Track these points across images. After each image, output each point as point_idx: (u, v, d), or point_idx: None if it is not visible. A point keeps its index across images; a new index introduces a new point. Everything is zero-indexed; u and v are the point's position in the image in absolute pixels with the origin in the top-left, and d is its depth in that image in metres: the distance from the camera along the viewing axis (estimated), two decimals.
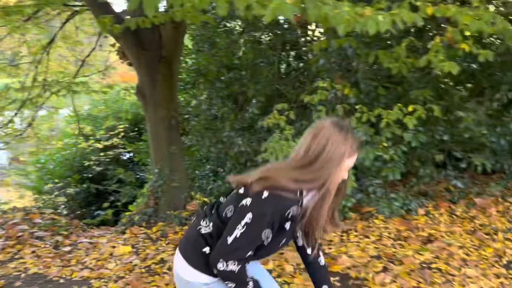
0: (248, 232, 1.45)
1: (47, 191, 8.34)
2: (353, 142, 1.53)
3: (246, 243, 1.47)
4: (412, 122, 3.64)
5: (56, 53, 7.49)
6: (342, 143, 1.50)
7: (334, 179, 1.51)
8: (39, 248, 4.28)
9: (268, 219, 1.47)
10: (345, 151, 1.50)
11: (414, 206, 4.56)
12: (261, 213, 1.45)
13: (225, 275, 1.49)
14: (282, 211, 1.48)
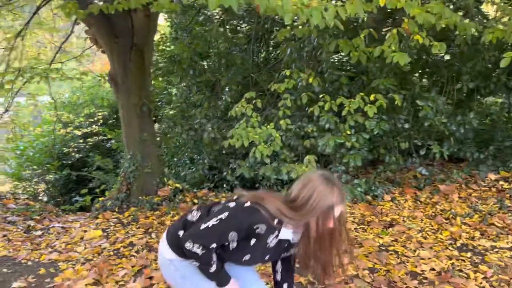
0: (218, 226, 1.65)
1: (27, 177, 8.36)
2: (339, 194, 1.70)
3: (213, 234, 1.66)
4: (372, 111, 3.75)
5: (33, 40, 7.45)
6: (329, 194, 1.68)
7: (318, 225, 1.69)
8: (11, 232, 4.35)
9: (238, 223, 1.66)
10: (331, 202, 1.68)
11: (380, 192, 4.71)
12: (235, 215, 1.67)
13: (189, 254, 1.69)
14: (252, 223, 1.66)
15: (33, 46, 7.94)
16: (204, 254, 1.67)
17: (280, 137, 4.07)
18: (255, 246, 1.72)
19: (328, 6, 2.16)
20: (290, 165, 4.03)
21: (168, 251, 1.83)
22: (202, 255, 1.68)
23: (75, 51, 7.92)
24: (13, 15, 6.05)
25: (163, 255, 1.86)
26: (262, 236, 1.69)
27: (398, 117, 4.29)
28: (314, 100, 4.40)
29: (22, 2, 5.79)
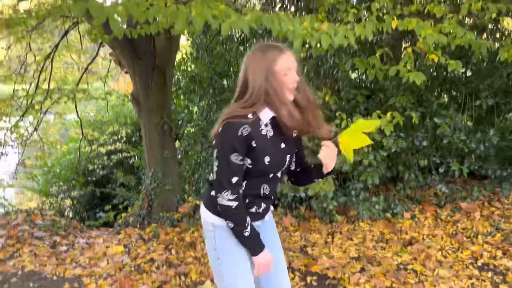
0: (220, 162, 1.69)
1: (53, 193, 8.62)
2: (274, 50, 1.66)
3: (224, 172, 1.69)
4: (389, 129, 3.77)
5: (61, 61, 7.78)
6: (261, 58, 1.65)
7: (275, 89, 1.65)
8: (38, 247, 4.50)
9: (228, 145, 1.66)
10: (268, 63, 1.64)
11: (400, 210, 4.68)
12: (220, 142, 1.68)
13: (223, 211, 1.74)
14: (234, 134, 1.65)
15: (61, 67, 8.28)
16: (237, 206, 1.70)
17: None
18: (262, 146, 1.70)
19: (338, 30, 2.23)
20: None
21: (207, 213, 1.85)
22: (235, 208, 1.70)
23: (101, 71, 8.21)
24: (43, 38, 6.36)
25: (205, 219, 1.87)
26: (255, 133, 1.68)
27: (416, 134, 4.28)
28: (330, 117, 4.45)
29: (52, 26, 6.08)
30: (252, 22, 2.09)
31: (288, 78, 1.66)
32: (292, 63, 1.67)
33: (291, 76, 1.66)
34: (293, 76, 1.66)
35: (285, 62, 1.65)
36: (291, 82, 1.66)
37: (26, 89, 6.34)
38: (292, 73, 1.66)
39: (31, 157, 7.91)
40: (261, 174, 1.78)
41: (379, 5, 3.15)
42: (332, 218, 4.62)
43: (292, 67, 1.67)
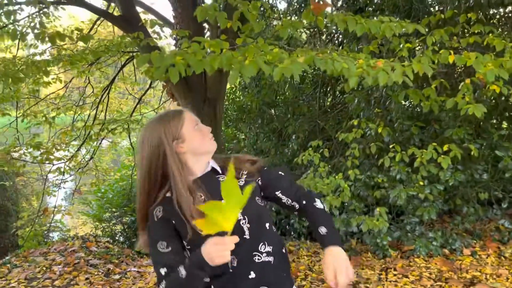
0: (152, 251, 1.45)
1: (106, 219, 8.92)
2: (168, 120, 1.48)
3: (153, 262, 1.46)
4: (446, 162, 3.62)
5: (116, 92, 8.18)
6: (154, 133, 1.47)
7: (174, 165, 1.44)
8: (93, 275, 4.64)
9: (149, 236, 1.45)
10: (159, 137, 1.45)
11: (459, 246, 4.44)
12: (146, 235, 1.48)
13: None
14: (151, 219, 1.45)
15: (116, 97, 8.70)
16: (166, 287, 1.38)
17: (348, 187, 4.04)
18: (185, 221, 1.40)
19: (395, 67, 2.19)
20: (360, 217, 3.96)
21: None
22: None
23: (153, 101, 8.54)
24: (101, 72, 6.73)
25: None
26: (170, 209, 1.42)
27: (475, 167, 4.08)
28: (383, 149, 4.34)
29: (110, 60, 6.43)
30: (305, 64, 2.10)
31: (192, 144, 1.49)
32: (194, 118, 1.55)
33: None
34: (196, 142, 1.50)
35: (188, 126, 1.50)
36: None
37: (84, 120, 6.69)
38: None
39: (87, 183, 8.26)
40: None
41: (435, 38, 3.07)
42: (385, 253, 4.45)
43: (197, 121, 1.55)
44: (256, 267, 1.44)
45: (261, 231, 1.48)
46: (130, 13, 4.88)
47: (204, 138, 1.51)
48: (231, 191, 1.12)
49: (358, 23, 2.76)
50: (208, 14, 2.90)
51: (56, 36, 3.21)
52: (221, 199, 1.25)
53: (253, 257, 1.45)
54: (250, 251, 1.45)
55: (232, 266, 1.42)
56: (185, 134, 1.48)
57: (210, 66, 2.23)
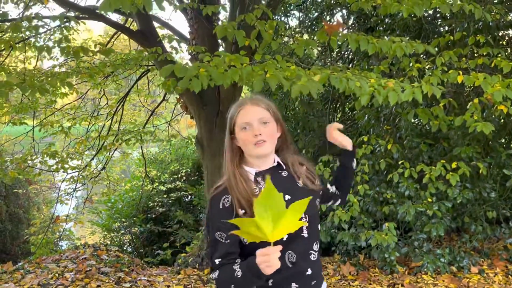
0: (210, 237, 1.50)
1: (115, 229, 9.02)
2: (232, 111, 1.58)
3: (211, 247, 1.51)
4: (455, 179, 3.68)
5: (129, 104, 8.35)
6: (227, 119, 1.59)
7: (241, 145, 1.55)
8: (104, 283, 4.71)
9: (212, 221, 1.50)
10: (229, 127, 1.57)
11: (466, 264, 4.47)
12: (207, 217, 1.55)
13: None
14: (216, 205, 1.50)
15: (129, 109, 8.87)
16: (218, 277, 1.46)
17: (358, 202, 4.11)
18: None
19: (405, 87, 2.29)
20: (369, 232, 4.02)
21: None
22: (218, 279, 1.46)
23: (165, 113, 8.69)
24: (116, 84, 6.91)
25: None
26: (235, 203, 1.48)
27: (484, 185, 4.14)
28: (392, 165, 4.41)
29: (126, 73, 6.61)
30: (321, 83, 2.21)
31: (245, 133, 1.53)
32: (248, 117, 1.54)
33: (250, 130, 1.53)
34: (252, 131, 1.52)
35: (242, 120, 1.54)
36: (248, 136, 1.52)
37: (98, 130, 6.85)
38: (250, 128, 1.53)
39: (97, 193, 8.38)
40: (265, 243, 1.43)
41: (445, 59, 3.17)
42: (393, 269, 4.49)
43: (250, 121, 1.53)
44: (312, 264, 1.54)
45: (316, 231, 1.60)
46: (148, 28, 5.05)
47: (245, 144, 1.53)
48: (267, 204, 1.15)
49: (370, 43, 2.88)
50: (227, 32, 3.03)
51: (80, 50, 3.36)
52: (282, 188, 1.42)
53: (309, 255, 1.55)
54: (307, 249, 1.54)
55: (290, 262, 1.49)
56: (236, 132, 1.56)
57: (230, 79, 2.35)
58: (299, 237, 1.51)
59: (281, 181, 1.54)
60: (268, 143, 1.52)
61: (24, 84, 2.65)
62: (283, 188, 1.45)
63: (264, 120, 1.54)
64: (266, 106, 1.57)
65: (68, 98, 6.97)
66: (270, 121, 1.55)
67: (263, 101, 1.58)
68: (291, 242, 1.48)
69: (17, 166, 5.72)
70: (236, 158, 1.56)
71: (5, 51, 5.04)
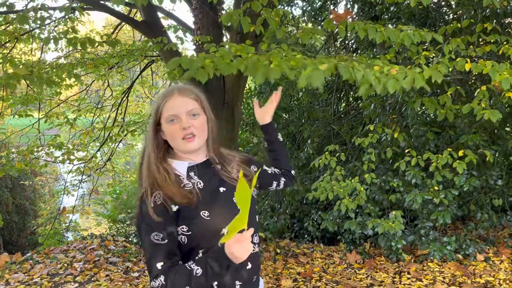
0: (143, 240, 1.36)
1: (121, 220, 9.07)
2: (158, 101, 1.46)
3: (144, 250, 1.37)
4: (462, 167, 3.69)
5: (133, 95, 8.35)
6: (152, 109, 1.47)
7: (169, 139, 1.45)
8: (112, 272, 4.77)
9: (143, 223, 1.36)
10: (154, 119, 1.44)
11: (472, 251, 4.49)
12: (136, 223, 1.40)
13: None
14: (146, 205, 1.36)
15: (134, 100, 8.87)
16: (166, 283, 1.29)
17: (364, 191, 4.12)
18: (188, 206, 1.36)
19: (408, 73, 2.27)
20: (376, 220, 4.03)
21: None
22: (165, 285, 1.29)
23: None
24: (121, 75, 6.90)
25: None
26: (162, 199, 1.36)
27: (490, 173, 4.14)
28: (399, 154, 4.42)
29: (130, 64, 6.60)
30: (328, 72, 2.20)
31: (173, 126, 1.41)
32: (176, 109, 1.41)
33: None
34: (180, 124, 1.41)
35: (167, 111, 1.42)
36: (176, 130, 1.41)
37: (103, 122, 6.87)
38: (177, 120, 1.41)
39: (102, 184, 8.42)
40: (206, 235, 1.37)
41: (452, 47, 3.15)
42: (399, 257, 4.52)
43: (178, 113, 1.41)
44: (251, 257, 1.40)
45: (254, 223, 1.49)
46: (152, 19, 5.03)
47: (173, 138, 1.42)
48: (244, 198, 1.15)
49: (378, 31, 2.86)
50: (233, 19, 3.02)
51: (87, 41, 3.36)
52: (214, 187, 1.45)
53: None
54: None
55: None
56: (162, 124, 1.44)
57: (236, 69, 2.35)
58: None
59: (215, 175, 1.48)
60: (197, 138, 1.42)
61: (31, 76, 2.65)
62: (218, 181, 1.47)
63: (194, 112, 1.42)
64: (195, 96, 1.45)
65: (72, 91, 6.98)
66: (200, 113, 1.44)
67: (192, 91, 1.46)
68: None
69: (23, 158, 5.75)
70: (161, 153, 1.45)
71: (10, 43, 5.04)
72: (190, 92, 1.46)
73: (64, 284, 4.33)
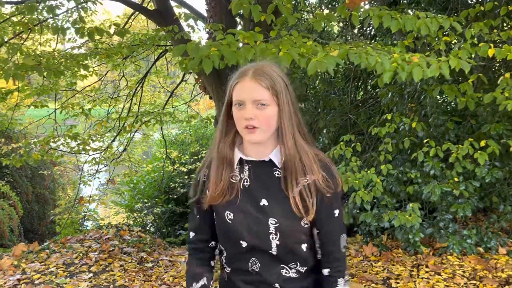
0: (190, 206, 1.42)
1: (138, 209, 9.16)
2: (230, 84, 1.31)
3: (189, 221, 1.45)
4: (483, 158, 3.53)
5: (148, 85, 8.35)
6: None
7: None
8: (126, 262, 4.79)
9: (192, 190, 1.40)
10: (227, 97, 1.31)
11: (494, 245, 4.33)
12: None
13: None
14: (197, 177, 1.40)
15: (149, 90, 8.88)
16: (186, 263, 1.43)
17: (381, 182, 4.00)
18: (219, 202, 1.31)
19: (431, 62, 2.15)
20: (392, 212, 3.92)
21: None
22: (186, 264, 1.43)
23: (184, 94, 8.66)
24: (135, 65, 6.88)
25: None
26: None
27: None
28: (417, 144, 4.27)
29: (143, 54, 6.57)
30: (339, 58, 2.09)
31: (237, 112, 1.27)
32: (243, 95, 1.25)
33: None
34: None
35: (236, 96, 1.27)
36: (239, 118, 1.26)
37: (118, 112, 6.88)
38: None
39: (119, 174, 8.49)
40: (227, 242, 1.36)
41: (474, 32, 2.99)
42: (416, 249, 4.39)
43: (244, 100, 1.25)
44: (282, 280, 1.33)
45: (292, 254, 1.33)
46: (165, 7, 4.97)
47: (237, 123, 1.28)
48: None
49: (393, 19, 2.71)
50: (243, 7, 2.92)
51: (95, 31, 3.31)
52: (257, 195, 1.29)
53: (279, 268, 1.34)
54: (275, 264, 1.33)
55: (253, 270, 1.33)
56: (233, 105, 1.29)
57: (243, 58, 2.26)
58: (265, 252, 1.30)
59: (265, 182, 1.30)
60: (260, 130, 1.24)
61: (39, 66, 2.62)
62: (266, 191, 1.29)
63: (261, 102, 1.24)
64: (268, 84, 1.24)
65: (88, 80, 7.01)
66: (270, 103, 1.24)
67: (267, 77, 1.25)
68: (255, 253, 1.31)
69: (41, 148, 5.81)
70: (230, 136, 1.33)
71: (24, 33, 5.05)
72: (264, 77, 1.25)
73: (79, 274, 4.36)
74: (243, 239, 1.30)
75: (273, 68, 1.29)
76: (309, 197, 1.26)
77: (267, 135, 1.27)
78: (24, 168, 9.16)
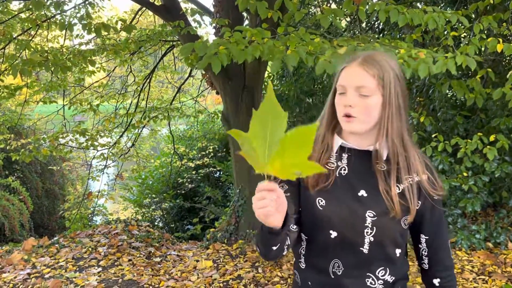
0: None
1: (146, 204, 9.22)
2: (338, 69, 1.24)
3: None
4: (493, 153, 3.49)
5: (156, 81, 8.37)
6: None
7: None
8: (135, 257, 4.82)
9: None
10: (335, 82, 1.23)
11: (503, 240, 4.30)
12: None
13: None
14: None
15: (156, 86, 8.90)
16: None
17: None
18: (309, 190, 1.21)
19: (438, 58, 2.12)
20: None
21: None
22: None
23: (192, 90, 8.67)
24: (142, 61, 6.89)
25: None
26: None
27: None
28: (425, 138, 4.24)
29: (151, 50, 6.58)
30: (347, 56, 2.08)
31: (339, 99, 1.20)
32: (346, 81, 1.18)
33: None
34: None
35: (342, 80, 1.19)
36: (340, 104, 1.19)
37: (126, 108, 6.91)
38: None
39: (128, 170, 8.54)
40: (313, 230, 1.23)
41: (483, 25, 2.95)
42: None
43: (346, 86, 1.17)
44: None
45: (385, 254, 1.22)
46: (172, 2, 4.96)
47: (338, 111, 1.20)
48: (265, 120, 0.83)
49: (400, 13, 2.68)
50: (249, 3, 2.91)
51: (101, 27, 3.32)
52: (355, 184, 1.18)
53: (364, 277, 1.22)
54: (362, 268, 1.22)
55: (333, 272, 1.22)
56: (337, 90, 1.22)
57: (251, 56, 2.25)
58: (354, 249, 1.19)
59: (365, 174, 1.21)
60: (358, 121, 1.16)
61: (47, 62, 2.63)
62: (365, 182, 1.19)
63: (364, 91, 1.15)
64: (376, 72, 1.15)
65: (96, 76, 7.04)
66: (374, 93, 1.15)
67: (377, 66, 1.16)
68: (341, 250, 1.20)
69: (50, 144, 5.86)
70: (334, 121, 1.24)
71: (32, 30, 5.08)
72: (374, 65, 1.16)
73: (88, 268, 4.41)
74: (333, 228, 1.19)
75: (385, 57, 1.20)
76: (412, 197, 1.18)
77: (366, 126, 1.18)
78: (33, 163, 9.25)
